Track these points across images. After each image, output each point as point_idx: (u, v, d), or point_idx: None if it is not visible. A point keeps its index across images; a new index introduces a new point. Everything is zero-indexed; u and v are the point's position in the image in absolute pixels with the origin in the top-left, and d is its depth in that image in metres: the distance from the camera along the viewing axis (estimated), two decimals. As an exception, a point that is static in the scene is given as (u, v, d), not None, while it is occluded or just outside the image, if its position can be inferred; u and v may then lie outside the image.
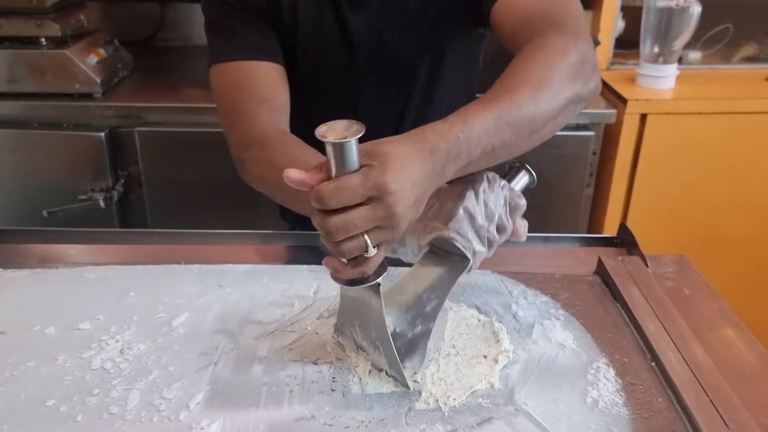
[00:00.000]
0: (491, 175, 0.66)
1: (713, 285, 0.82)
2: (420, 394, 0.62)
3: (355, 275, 0.56)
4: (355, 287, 0.57)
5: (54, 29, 1.51)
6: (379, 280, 0.57)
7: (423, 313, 0.64)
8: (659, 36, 1.62)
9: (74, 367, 0.65)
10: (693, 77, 1.72)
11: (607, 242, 0.92)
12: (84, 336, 0.69)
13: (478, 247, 0.64)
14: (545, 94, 0.61)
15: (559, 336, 0.70)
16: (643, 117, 1.58)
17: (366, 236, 0.52)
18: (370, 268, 0.55)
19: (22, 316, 0.73)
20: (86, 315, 0.73)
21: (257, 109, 0.80)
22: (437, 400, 0.61)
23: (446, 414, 0.60)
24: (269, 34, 0.84)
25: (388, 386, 0.63)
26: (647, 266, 0.83)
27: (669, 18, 1.60)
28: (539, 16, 0.70)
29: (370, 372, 0.64)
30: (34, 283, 0.80)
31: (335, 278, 0.57)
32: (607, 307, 0.77)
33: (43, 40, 1.53)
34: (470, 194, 0.64)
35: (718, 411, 0.58)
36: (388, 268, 0.58)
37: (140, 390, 0.62)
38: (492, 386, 0.63)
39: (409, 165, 0.53)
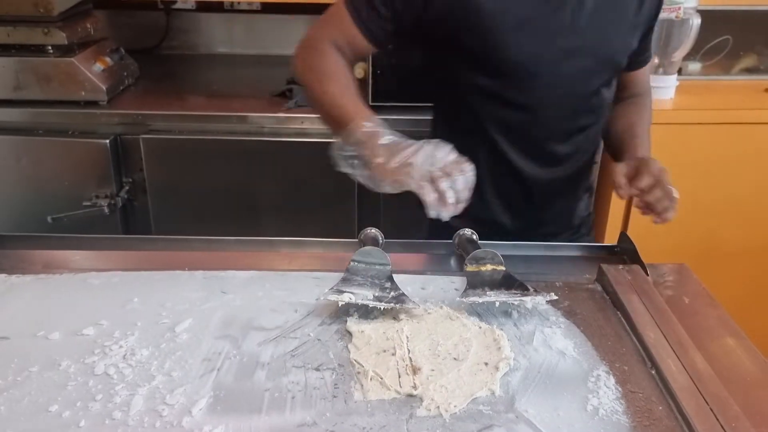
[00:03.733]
0: None
1: (713, 294, 0.83)
2: (421, 401, 0.62)
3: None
4: None
5: (60, 37, 1.53)
6: None
7: None
8: (659, 47, 1.63)
9: (77, 373, 0.65)
10: (693, 88, 1.73)
11: (608, 251, 0.93)
12: (87, 341, 0.70)
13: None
14: None
15: (560, 344, 0.71)
16: (644, 127, 1.59)
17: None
18: None
19: (26, 321, 0.73)
20: (90, 321, 0.73)
21: (336, 49, 0.92)
22: (438, 407, 0.61)
23: (447, 421, 0.60)
24: (388, 26, 0.92)
25: (389, 393, 0.63)
26: (647, 275, 0.83)
27: (669, 29, 1.61)
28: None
29: (371, 379, 0.64)
30: (38, 288, 0.80)
31: None
32: (607, 315, 0.77)
33: (50, 47, 1.54)
34: None
35: (718, 419, 0.58)
36: None
37: (143, 395, 0.62)
38: (493, 393, 0.63)
39: None
